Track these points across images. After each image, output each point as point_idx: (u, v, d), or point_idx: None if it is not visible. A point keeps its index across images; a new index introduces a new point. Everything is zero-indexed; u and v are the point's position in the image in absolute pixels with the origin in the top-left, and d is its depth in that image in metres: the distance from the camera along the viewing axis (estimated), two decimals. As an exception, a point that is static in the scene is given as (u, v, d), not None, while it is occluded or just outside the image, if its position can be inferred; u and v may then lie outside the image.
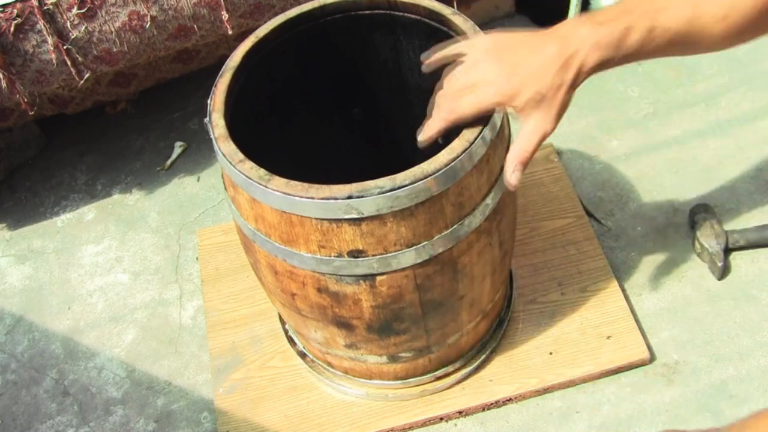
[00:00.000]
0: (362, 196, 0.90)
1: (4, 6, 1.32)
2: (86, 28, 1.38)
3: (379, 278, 1.01)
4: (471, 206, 1.00)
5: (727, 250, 1.44)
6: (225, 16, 1.47)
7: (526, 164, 0.95)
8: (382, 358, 1.19)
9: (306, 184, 0.92)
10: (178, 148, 1.78)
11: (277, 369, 1.36)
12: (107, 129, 1.86)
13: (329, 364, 1.30)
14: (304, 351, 1.35)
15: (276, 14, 1.51)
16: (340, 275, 1.00)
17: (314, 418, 1.30)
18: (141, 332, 1.48)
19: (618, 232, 1.53)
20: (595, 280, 1.42)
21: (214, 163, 1.76)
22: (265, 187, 0.92)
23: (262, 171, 0.94)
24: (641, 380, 1.33)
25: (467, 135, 0.94)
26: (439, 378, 1.29)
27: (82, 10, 1.36)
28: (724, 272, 1.44)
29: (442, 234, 0.99)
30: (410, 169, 0.91)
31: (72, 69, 1.43)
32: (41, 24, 1.34)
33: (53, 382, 1.43)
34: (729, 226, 1.48)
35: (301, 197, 0.91)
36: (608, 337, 1.35)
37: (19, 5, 1.32)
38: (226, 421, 1.31)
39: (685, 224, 1.52)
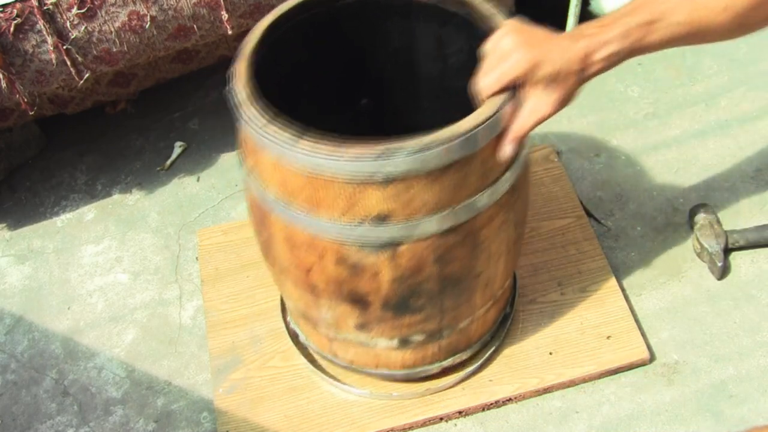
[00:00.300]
0: (391, 156, 0.90)
1: (4, 6, 1.32)
2: (86, 28, 1.38)
3: (400, 248, 1.00)
4: (494, 177, 1.01)
5: (727, 250, 1.45)
6: (225, 16, 1.47)
7: (520, 141, 0.99)
8: (393, 341, 1.17)
9: (336, 142, 0.91)
10: (178, 148, 1.78)
11: (277, 369, 1.36)
12: (107, 129, 1.86)
13: (334, 355, 1.28)
14: (307, 344, 1.34)
15: (276, 14, 1.52)
16: (362, 243, 0.99)
17: (314, 418, 1.29)
18: (141, 332, 1.48)
19: (618, 232, 1.53)
20: (595, 280, 1.42)
21: (214, 163, 1.76)
22: (294, 146, 0.91)
23: (292, 130, 0.93)
24: (641, 380, 1.33)
25: (494, 102, 0.95)
26: (445, 370, 1.28)
27: (82, 10, 1.36)
28: (724, 272, 1.44)
29: (466, 202, 0.99)
30: (439, 132, 0.92)
31: (72, 69, 1.43)
32: (41, 24, 1.34)
33: (53, 382, 1.43)
34: (729, 226, 1.48)
35: (329, 156, 0.90)
36: (608, 337, 1.35)
37: (19, 5, 1.32)
38: (226, 421, 1.31)
39: (685, 224, 1.52)
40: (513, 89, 0.96)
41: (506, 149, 0.99)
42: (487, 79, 0.96)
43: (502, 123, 0.96)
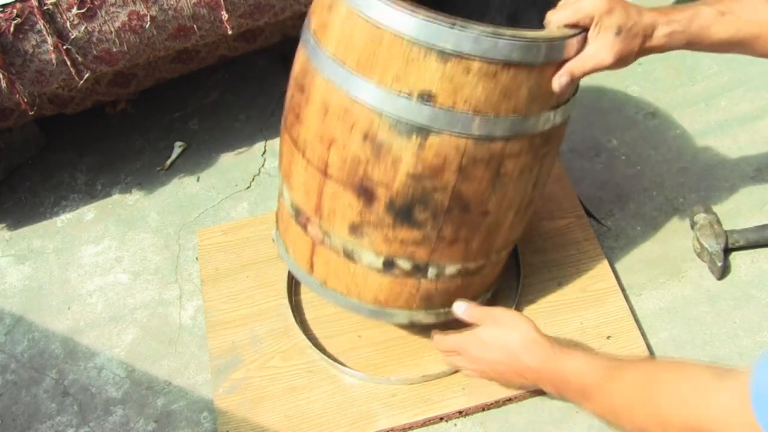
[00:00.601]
0: (465, 29, 0.93)
1: (4, 6, 1.32)
2: (86, 28, 1.38)
3: (431, 137, 1.01)
4: (538, 107, 1.04)
5: (727, 250, 1.45)
6: (225, 16, 1.47)
7: (573, 78, 1.03)
8: (378, 259, 1.15)
9: (414, 4, 0.95)
10: (177, 148, 1.78)
11: (276, 369, 1.36)
12: (107, 129, 1.86)
13: (310, 270, 1.24)
14: (286, 257, 1.30)
15: (276, 14, 1.52)
16: (398, 119, 1.01)
17: (314, 418, 1.30)
18: (141, 332, 1.48)
19: (618, 232, 1.53)
20: (595, 280, 1.42)
21: (214, 163, 1.76)
22: None
23: None
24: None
25: (564, 30, 1.00)
26: (413, 331, 1.26)
27: (82, 10, 1.36)
28: (724, 272, 1.44)
29: (508, 116, 1.02)
30: (509, 29, 0.96)
31: (72, 69, 1.43)
32: (41, 24, 1.34)
33: (53, 382, 1.43)
34: (729, 226, 1.48)
35: (406, 11, 0.94)
36: (608, 337, 1.35)
37: (19, 5, 1.32)
38: (226, 421, 1.31)
39: (685, 224, 1.52)
40: (583, 30, 1.01)
41: (561, 79, 1.02)
42: (561, 13, 1.01)
43: (565, 53, 1.01)
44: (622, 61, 1.03)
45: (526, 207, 1.18)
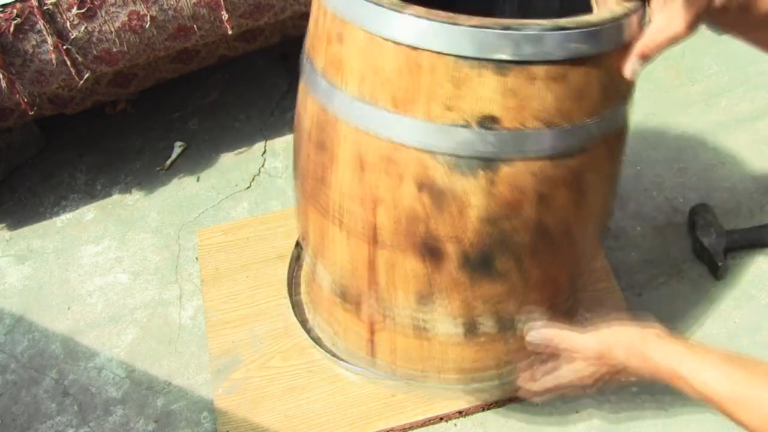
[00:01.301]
0: (522, 29, 0.76)
1: (4, 6, 1.32)
2: (86, 28, 1.38)
3: (502, 169, 0.84)
4: (612, 103, 0.90)
5: (727, 250, 1.44)
6: (225, 16, 1.47)
7: (646, 59, 0.90)
8: (457, 326, 0.97)
9: (447, 14, 0.77)
10: (177, 148, 1.79)
11: (276, 369, 1.36)
12: (107, 129, 1.86)
13: (372, 357, 1.06)
14: (334, 350, 1.18)
15: (276, 14, 1.53)
16: (457, 156, 0.83)
17: (314, 418, 1.30)
18: (141, 332, 1.48)
19: (618, 232, 1.53)
20: (595, 280, 1.42)
21: (214, 163, 1.76)
22: (399, 12, 0.77)
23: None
24: (641, 380, 1.32)
25: (624, 5, 0.85)
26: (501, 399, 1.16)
27: (82, 10, 1.36)
28: (724, 272, 1.44)
29: (583, 122, 0.86)
30: (572, 18, 0.81)
31: (72, 69, 1.43)
32: (41, 24, 1.34)
33: (53, 382, 1.43)
34: (729, 226, 1.48)
35: (444, 21, 0.76)
36: (608, 337, 1.34)
37: (19, 5, 1.32)
38: (226, 421, 1.31)
39: (685, 224, 1.52)
40: (643, 2, 0.87)
41: (633, 64, 0.89)
42: None
43: (628, 33, 0.85)
44: (694, 27, 0.88)
45: (606, 216, 1.04)
